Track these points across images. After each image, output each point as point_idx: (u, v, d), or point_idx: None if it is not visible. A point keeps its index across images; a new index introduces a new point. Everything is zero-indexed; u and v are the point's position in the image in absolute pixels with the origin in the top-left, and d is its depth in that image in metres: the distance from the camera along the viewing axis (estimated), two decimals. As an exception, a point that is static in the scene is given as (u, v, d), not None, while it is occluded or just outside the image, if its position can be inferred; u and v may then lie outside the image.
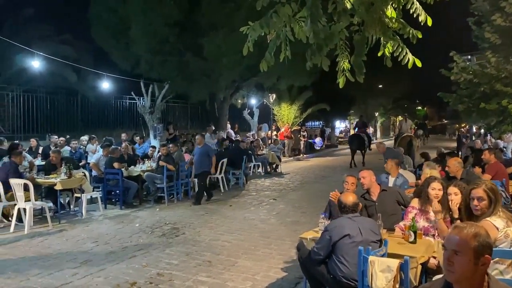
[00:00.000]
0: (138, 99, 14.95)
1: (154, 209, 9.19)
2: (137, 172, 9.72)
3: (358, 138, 18.00)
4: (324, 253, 3.79)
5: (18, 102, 14.35)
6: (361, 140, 17.87)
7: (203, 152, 9.98)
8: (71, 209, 8.87)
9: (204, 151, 10.00)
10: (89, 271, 5.28)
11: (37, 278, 5.03)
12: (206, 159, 9.93)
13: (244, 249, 6.22)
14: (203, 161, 9.93)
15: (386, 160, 6.78)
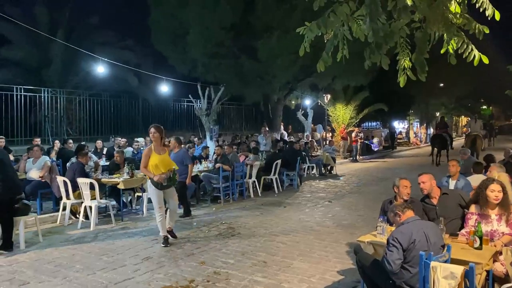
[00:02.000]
0: (195, 101, 15.35)
1: (211, 208, 9.39)
2: (194, 172, 9.97)
3: (440, 138, 18.11)
4: (399, 261, 3.61)
5: (85, 106, 15.24)
6: (443, 139, 17.98)
7: (178, 160, 8.12)
8: (133, 208, 9.27)
9: (179, 159, 8.25)
10: (150, 267, 5.49)
11: (102, 272, 5.30)
12: (182, 167, 8.19)
13: (299, 251, 6.19)
14: (179, 169, 7.98)
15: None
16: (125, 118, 16.87)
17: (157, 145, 6.55)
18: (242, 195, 10.58)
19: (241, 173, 10.48)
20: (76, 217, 7.98)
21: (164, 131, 6.66)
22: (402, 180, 4.92)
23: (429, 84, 20.41)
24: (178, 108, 19.21)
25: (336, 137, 22.00)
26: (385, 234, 4.29)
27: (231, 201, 10.02)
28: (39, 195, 8.25)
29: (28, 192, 7.92)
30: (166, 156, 6.62)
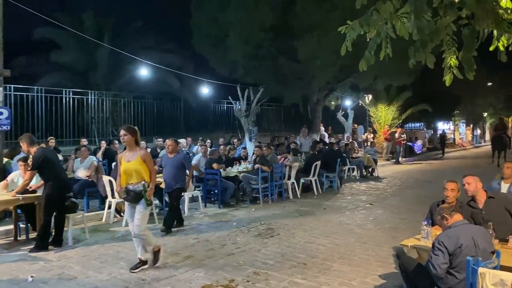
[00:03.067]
0: (235, 103, 15.50)
1: (250, 209, 9.44)
2: (234, 173, 10.07)
3: (501, 139, 18.27)
4: (445, 266, 3.50)
5: (129, 108, 15.74)
6: (503, 141, 18.13)
7: (177, 163, 7.64)
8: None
9: (179, 162, 7.65)
10: (191, 266, 5.59)
11: (145, 270, 5.45)
12: (181, 172, 7.69)
13: (340, 254, 6.11)
14: (177, 174, 7.62)
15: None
16: (167, 120, 17.29)
17: (128, 150, 5.46)
18: (281, 196, 10.56)
19: (280, 174, 10.47)
20: (121, 215, 8.24)
21: (138, 133, 5.52)
22: (449, 183, 4.74)
23: (477, 83, 19.60)
24: (218, 109, 19.48)
25: (377, 138, 21.54)
26: (429, 238, 4.16)
27: (270, 202, 10.03)
28: (86, 194, 8.59)
29: (75, 190, 8.26)
30: (133, 164, 5.33)
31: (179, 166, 7.61)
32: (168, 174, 7.67)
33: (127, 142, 5.38)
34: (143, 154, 5.42)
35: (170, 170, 7.64)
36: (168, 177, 7.65)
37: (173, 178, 7.58)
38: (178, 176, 7.58)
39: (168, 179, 7.66)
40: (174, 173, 7.58)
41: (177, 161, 7.62)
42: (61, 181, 6.45)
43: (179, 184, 7.56)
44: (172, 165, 7.60)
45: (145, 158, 5.38)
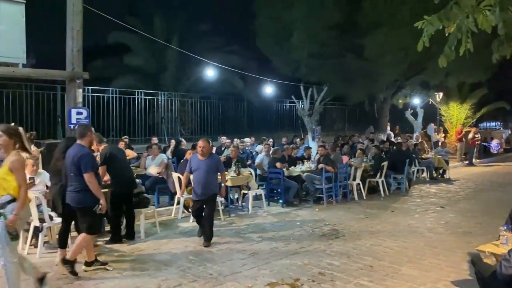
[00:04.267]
0: (298, 102, 15.45)
1: (313, 209, 9.36)
2: (297, 172, 10.04)
3: None
4: None
5: (196, 108, 16.26)
6: None
7: (211, 167, 6.66)
8: (238, 204, 9.64)
9: (212, 166, 6.69)
10: (256, 263, 5.66)
11: (212, 265, 5.61)
12: (214, 177, 6.79)
13: (408, 257, 5.90)
14: (210, 180, 6.65)
15: None
16: (231, 119, 17.63)
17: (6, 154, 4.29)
18: (346, 197, 10.36)
19: (344, 175, 10.28)
20: (189, 211, 8.52)
21: (22, 134, 4.38)
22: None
23: None
24: (280, 109, 19.54)
25: (449, 138, 20.44)
26: (509, 245, 3.90)
27: (334, 203, 9.89)
28: (157, 190, 8.99)
29: (147, 186, 8.67)
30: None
31: (212, 170, 6.66)
32: (200, 180, 6.56)
33: (3, 144, 4.25)
34: (12, 161, 4.18)
35: (202, 174, 6.56)
36: (200, 182, 6.56)
37: (206, 184, 6.55)
38: (211, 181, 6.64)
39: (199, 185, 6.56)
40: (207, 179, 6.57)
41: (210, 164, 6.63)
42: (124, 178, 6.71)
43: (213, 191, 6.68)
44: (204, 169, 6.56)
45: (13, 167, 4.15)
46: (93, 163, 5.35)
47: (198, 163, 6.65)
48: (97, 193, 5.16)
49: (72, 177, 5.18)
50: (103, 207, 5.23)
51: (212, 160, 6.70)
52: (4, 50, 7.21)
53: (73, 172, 5.15)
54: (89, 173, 5.10)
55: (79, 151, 5.19)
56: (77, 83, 8.21)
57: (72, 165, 5.15)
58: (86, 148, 5.34)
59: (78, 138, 5.37)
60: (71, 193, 5.21)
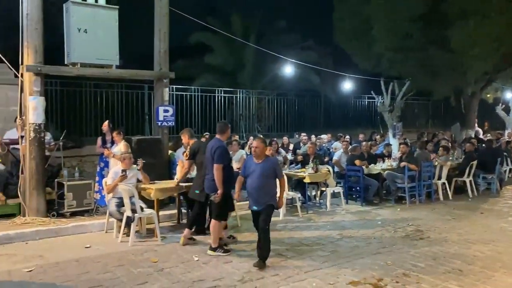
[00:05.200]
0: (377, 97, 14.97)
1: (395, 209, 9.05)
2: (377, 170, 9.76)
3: None
4: None
5: (272, 105, 16.41)
6: None
7: (267, 171, 5.65)
8: (316, 201, 9.60)
9: (269, 169, 5.67)
10: (337, 261, 5.62)
11: (292, 260, 5.66)
12: (271, 183, 5.74)
13: (502, 262, 5.50)
14: (267, 186, 5.65)
15: None
16: (308, 116, 17.55)
17: None
18: (430, 197, 9.88)
19: (429, 174, 9.79)
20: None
21: None
22: None
23: None
24: (359, 105, 19.09)
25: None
26: None
27: (417, 203, 9.47)
28: (236, 185, 9.21)
29: (227, 181, 8.92)
30: None
31: (268, 175, 5.63)
32: (254, 185, 5.64)
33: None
34: None
35: (257, 179, 5.61)
36: (254, 189, 5.64)
37: (261, 190, 5.61)
38: (268, 188, 5.66)
39: (254, 192, 5.65)
40: (263, 184, 5.60)
41: (267, 168, 5.65)
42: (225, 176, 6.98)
43: (269, 200, 5.63)
44: (259, 174, 5.61)
45: None
46: (225, 156, 5.96)
47: (252, 166, 5.70)
48: (219, 183, 5.74)
49: (209, 167, 5.90)
50: (218, 197, 5.75)
51: (268, 163, 5.68)
52: (100, 53, 7.80)
53: (210, 162, 5.85)
54: (218, 164, 5.74)
55: (216, 144, 5.91)
56: (164, 83, 8.69)
57: (210, 157, 5.86)
58: (223, 142, 6.08)
59: (218, 133, 6.09)
60: (208, 181, 5.86)
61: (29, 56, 7.20)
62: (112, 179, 6.74)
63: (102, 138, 8.49)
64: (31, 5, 7.13)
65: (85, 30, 7.55)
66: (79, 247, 6.21)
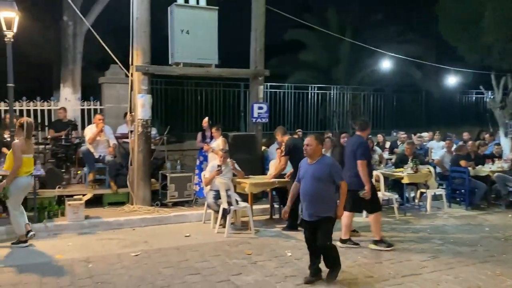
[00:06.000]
0: (487, 92, 13.72)
1: (506, 214, 8.24)
2: (485, 172, 8.95)
3: None
4: None
5: (368, 101, 15.88)
6: None
7: (321, 173, 4.76)
8: (415, 204, 9.09)
9: (323, 172, 4.77)
10: (438, 267, 5.27)
11: (389, 263, 5.43)
12: (327, 188, 4.78)
13: None
14: (321, 192, 4.74)
15: None
16: (407, 113, 16.66)
17: None
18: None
19: (548, 177, 8.74)
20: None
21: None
22: None
23: None
24: (465, 100, 17.67)
25: None
26: None
27: (533, 209, 8.52)
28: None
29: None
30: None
31: (323, 178, 4.71)
32: (306, 191, 4.78)
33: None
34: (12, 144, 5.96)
35: (309, 184, 4.75)
36: (306, 195, 4.78)
37: (314, 197, 4.72)
38: (323, 194, 4.71)
39: (305, 199, 4.80)
40: (316, 190, 4.70)
41: (320, 169, 4.74)
42: None
43: (326, 211, 4.70)
44: (311, 177, 4.74)
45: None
46: (367, 152, 6.05)
47: (306, 169, 4.87)
48: (365, 179, 5.81)
49: (351, 163, 5.93)
50: (367, 193, 5.82)
51: (321, 164, 4.76)
52: (201, 53, 8.19)
53: (351, 159, 5.91)
54: (362, 160, 5.79)
55: (357, 140, 6.01)
56: (259, 80, 8.88)
57: (351, 153, 5.93)
58: (364, 139, 6.17)
59: (359, 129, 6.19)
60: (349, 178, 5.78)
61: (138, 57, 7.82)
62: (210, 172, 7.06)
63: (202, 133, 8.94)
64: (140, 9, 7.72)
65: (187, 31, 7.98)
66: (179, 236, 6.61)
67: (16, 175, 5.83)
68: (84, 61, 11.95)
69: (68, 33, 11.46)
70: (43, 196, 7.30)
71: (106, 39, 8.14)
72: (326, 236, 4.72)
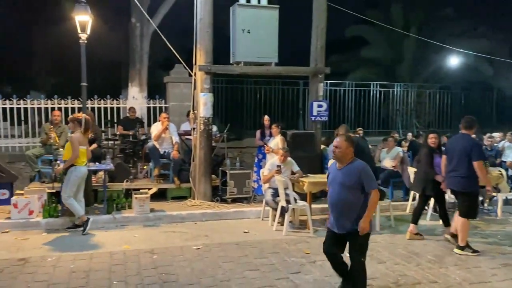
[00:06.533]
0: None
1: None
2: None
3: None
4: None
5: (434, 99, 15.19)
6: None
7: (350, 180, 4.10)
8: (484, 208, 8.57)
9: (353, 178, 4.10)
10: (509, 275, 4.97)
11: (455, 269, 5.18)
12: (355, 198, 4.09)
13: None
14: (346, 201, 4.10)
15: None
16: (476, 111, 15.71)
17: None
18: None
19: None
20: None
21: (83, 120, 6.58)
22: None
23: None
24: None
25: None
26: None
27: None
28: (391, 183, 8.84)
29: (381, 179, 8.61)
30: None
31: (351, 185, 4.07)
32: (332, 199, 4.20)
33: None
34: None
35: (337, 193, 4.14)
36: (333, 203, 4.20)
37: (342, 207, 4.11)
38: (352, 204, 4.06)
39: (332, 208, 4.22)
40: (343, 198, 4.09)
41: (348, 175, 4.11)
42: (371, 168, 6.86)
43: (354, 226, 4.04)
44: (339, 183, 4.13)
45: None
46: (483, 153, 6.02)
47: (334, 174, 4.26)
48: (486, 180, 5.79)
49: (460, 163, 5.71)
50: (490, 192, 5.96)
51: (350, 169, 4.11)
52: (261, 52, 8.24)
53: (462, 159, 5.68)
54: (479, 161, 5.59)
55: (469, 140, 5.75)
56: (319, 78, 8.78)
57: (463, 153, 5.67)
58: (475, 138, 6.04)
59: (466, 128, 5.88)
60: (455, 178, 5.75)
61: (201, 57, 8.03)
62: (269, 170, 7.11)
63: (261, 131, 9.02)
64: (204, 11, 7.92)
65: (248, 31, 8.07)
66: (238, 231, 6.73)
67: (75, 164, 6.36)
68: (150, 61, 12.50)
69: (135, 34, 12.05)
70: (112, 189, 7.75)
71: (171, 40, 8.44)
72: (360, 251, 4.11)
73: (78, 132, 6.51)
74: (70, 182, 6.39)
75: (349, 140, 4.21)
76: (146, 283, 4.62)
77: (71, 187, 6.41)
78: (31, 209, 6.74)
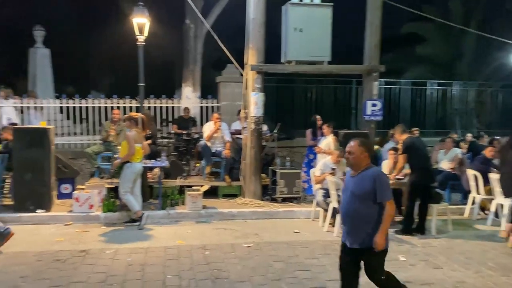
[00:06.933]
0: None
1: None
2: None
3: None
4: None
5: (495, 98, 14.38)
6: None
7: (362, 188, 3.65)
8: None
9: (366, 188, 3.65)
10: None
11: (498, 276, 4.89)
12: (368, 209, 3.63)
13: None
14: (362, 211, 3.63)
15: None
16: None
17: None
18: None
19: None
20: (485, 213, 7.70)
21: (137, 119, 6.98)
22: None
23: None
24: None
25: None
26: None
27: None
28: (449, 186, 8.47)
29: (438, 181, 8.25)
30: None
31: (363, 194, 3.62)
32: (344, 209, 3.80)
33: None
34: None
35: (348, 203, 3.74)
36: (345, 214, 3.80)
37: (354, 219, 3.67)
38: (365, 216, 3.62)
39: (344, 219, 3.84)
40: (356, 209, 3.65)
41: (361, 184, 3.66)
42: (425, 170, 6.66)
43: (368, 243, 3.59)
44: (352, 194, 3.69)
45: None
46: None
47: (347, 182, 3.87)
48: None
49: None
50: None
51: (363, 178, 3.66)
52: (313, 50, 8.16)
53: None
54: None
55: None
56: (373, 76, 8.58)
57: None
58: None
59: None
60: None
61: (252, 57, 8.09)
62: (320, 171, 7.03)
63: (312, 131, 8.94)
64: (256, 11, 7.96)
65: (300, 29, 8.02)
66: (288, 231, 6.72)
67: (131, 161, 6.63)
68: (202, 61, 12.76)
69: (189, 35, 12.35)
70: (166, 185, 8.00)
71: (223, 40, 8.56)
72: (375, 270, 3.72)
73: (134, 131, 6.79)
74: (125, 178, 6.68)
75: (365, 145, 3.72)
76: (198, 279, 4.73)
77: (127, 183, 6.69)
78: (91, 203, 7.10)
